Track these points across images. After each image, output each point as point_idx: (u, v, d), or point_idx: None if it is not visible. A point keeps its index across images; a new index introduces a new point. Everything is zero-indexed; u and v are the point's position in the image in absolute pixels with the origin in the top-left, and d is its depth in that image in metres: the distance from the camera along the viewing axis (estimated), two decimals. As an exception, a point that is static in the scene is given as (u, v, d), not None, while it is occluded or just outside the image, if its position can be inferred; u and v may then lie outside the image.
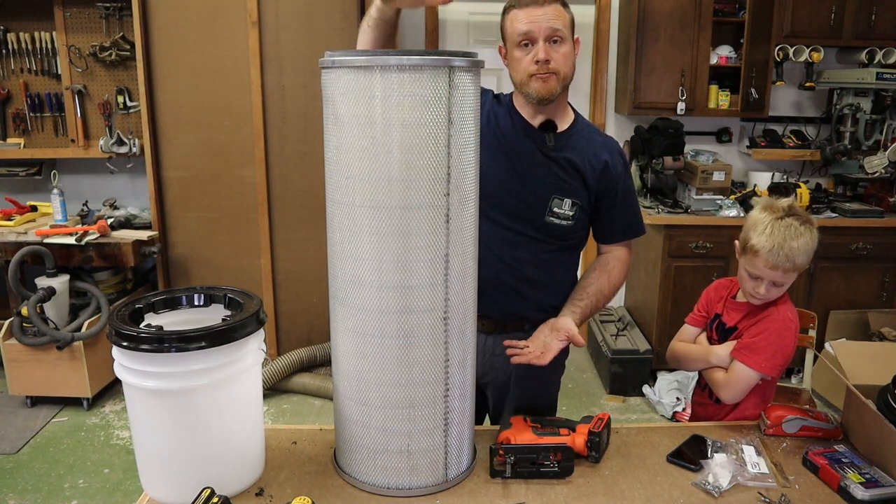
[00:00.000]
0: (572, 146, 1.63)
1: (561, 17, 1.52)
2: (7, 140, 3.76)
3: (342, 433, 1.36)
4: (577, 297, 1.65)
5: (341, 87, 1.17)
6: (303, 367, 3.61)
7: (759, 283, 1.62)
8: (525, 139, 1.62)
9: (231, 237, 3.62)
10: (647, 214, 3.61)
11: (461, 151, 1.21)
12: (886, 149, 3.53)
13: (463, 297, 1.29)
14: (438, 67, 1.15)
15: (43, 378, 3.29)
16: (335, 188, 1.24)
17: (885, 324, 3.54)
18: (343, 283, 1.27)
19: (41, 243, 3.26)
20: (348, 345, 1.29)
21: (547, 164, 1.61)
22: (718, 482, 1.35)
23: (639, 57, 3.70)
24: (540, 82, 1.54)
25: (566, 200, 1.61)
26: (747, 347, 1.63)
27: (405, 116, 1.15)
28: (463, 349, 1.31)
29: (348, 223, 1.23)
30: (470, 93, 1.21)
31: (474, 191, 1.28)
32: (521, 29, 1.51)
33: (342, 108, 1.18)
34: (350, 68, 1.15)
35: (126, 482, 2.78)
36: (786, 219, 1.59)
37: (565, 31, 1.53)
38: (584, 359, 4.12)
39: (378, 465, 1.31)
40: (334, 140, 1.22)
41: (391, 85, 1.14)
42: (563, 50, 1.54)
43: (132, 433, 1.33)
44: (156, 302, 1.36)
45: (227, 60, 3.39)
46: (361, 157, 1.18)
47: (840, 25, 3.61)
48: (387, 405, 1.27)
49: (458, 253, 1.25)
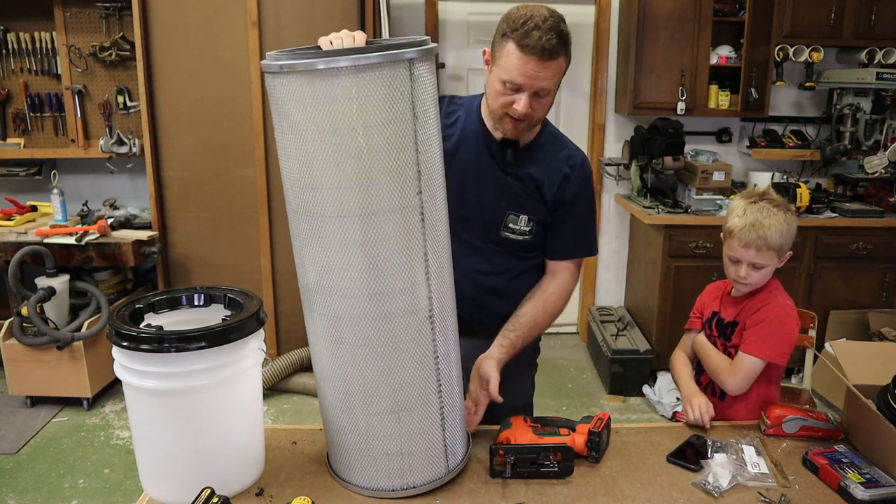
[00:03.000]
0: (533, 161, 1.58)
1: (557, 75, 1.42)
2: (7, 140, 3.76)
3: (337, 443, 1.34)
4: (508, 329, 1.59)
5: (294, 94, 1.09)
6: (303, 367, 3.61)
7: (739, 266, 1.65)
8: (485, 153, 1.58)
9: (231, 237, 3.62)
10: (647, 214, 3.61)
11: (428, 146, 1.17)
12: (886, 149, 3.53)
13: (444, 292, 1.26)
14: (397, 62, 1.08)
15: (43, 378, 3.29)
16: (297, 199, 1.17)
17: (885, 324, 3.54)
18: (316, 294, 1.22)
19: (41, 243, 3.26)
20: (329, 355, 1.26)
21: (504, 179, 1.57)
22: (718, 482, 1.35)
23: (639, 57, 3.70)
24: (511, 125, 1.48)
25: (522, 217, 1.58)
26: (750, 338, 1.64)
27: (367, 118, 1.08)
28: (449, 343, 1.30)
29: (315, 235, 1.16)
30: (428, 83, 1.15)
31: (441, 184, 1.24)
32: (513, 78, 1.40)
33: (297, 115, 1.10)
34: (301, 73, 1.07)
35: (126, 482, 2.78)
36: (759, 202, 1.65)
37: (554, 86, 1.44)
38: (584, 359, 4.12)
39: (375, 469, 1.30)
40: (292, 150, 1.14)
41: (350, 87, 1.06)
42: (546, 101, 1.46)
43: (132, 433, 1.33)
44: (156, 302, 1.36)
45: (227, 60, 3.39)
46: (325, 166, 1.11)
47: (840, 25, 3.61)
48: (377, 412, 1.25)
49: (435, 250, 1.22)
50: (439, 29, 3.99)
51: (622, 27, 3.92)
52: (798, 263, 3.57)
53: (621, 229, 4.24)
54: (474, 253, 1.61)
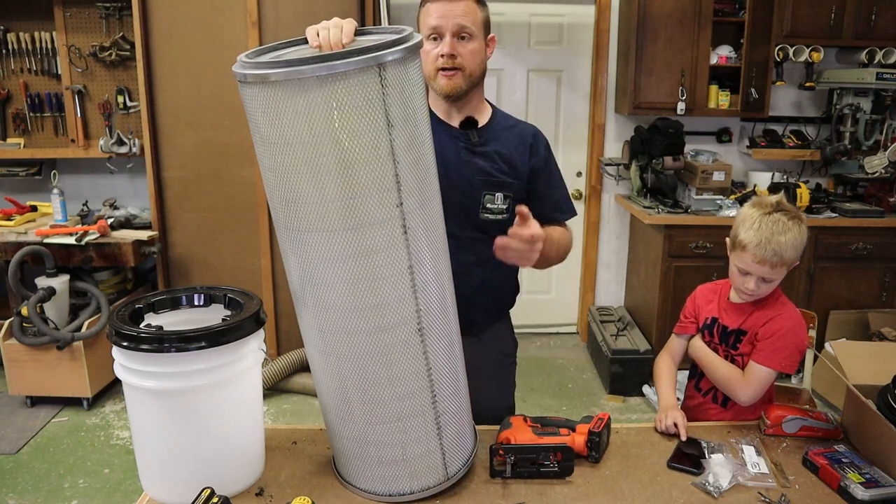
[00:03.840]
0: (496, 138, 1.64)
1: (471, 14, 1.52)
2: (7, 140, 3.76)
3: (337, 448, 1.34)
4: None
5: (261, 105, 1.04)
6: (303, 367, 3.61)
7: (749, 278, 1.63)
8: (446, 140, 1.60)
9: (231, 237, 3.62)
10: (647, 214, 3.61)
11: (408, 152, 1.10)
12: (886, 149, 3.53)
13: (431, 304, 1.21)
14: (366, 69, 1.00)
15: (43, 378, 3.29)
16: (278, 212, 1.14)
17: (885, 324, 3.54)
18: (307, 307, 1.21)
19: (41, 243, 3.26)
20: (325, 366, 1.26)
21: (473, 160, 1.61)
22: (718, 482, 1.35)
23: (639, 57, 3.70)
24: (445, 79, 1.54)
25: (497, 195, 1.61)
26: (766, 350, 1.62)
27: (337, 131, 1.02)
28: (446, 352, 1.27)
29: (297, 248, 1.14)
30: (411, 83, 1.08)
31: (430, 189, 1.19)
32: (431, 23, 1.52)
33: (265, 127, 1.06)
34: (266, 84, 1.01)
35: (126, 482, 2.78)
36: (774, 214, 1.60)
37: (474, 29, 1.53)
38: (584, 359, 4.12)
39: (376, 476, 1.30)
40: (266, 162, 1.09)
41: (314, 98, 1.00)
42: (471, 47, 1.54)
43: (132, 433, 1.33)
44: (156, 302, 1.36)
45: (227, 60, 3.35)
46: (298, 179, 1.06)
47: (840, 25, 3.61)
48: (375, 421, 1.25)
49: (420, 262, 1.16)
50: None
51: (622, 27, 3.91)
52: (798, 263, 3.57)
53: (621, 229, 4.24)
54: (457, 246, 1.58)
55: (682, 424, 1.55)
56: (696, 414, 1.76)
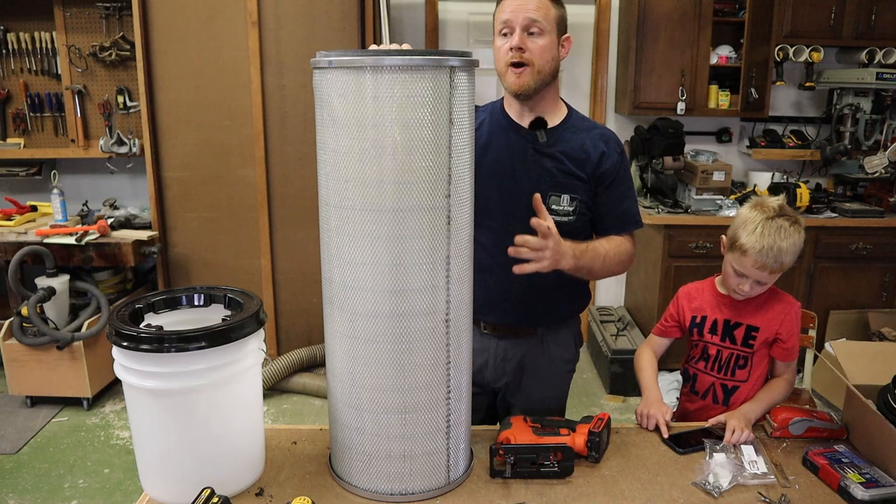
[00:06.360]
0: (566, 140, 1.61)
1: (543, 10, 1.51)
2: (7, 140, 3.76)
3: (341, 441, 1.34)
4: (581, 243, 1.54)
5: (338, 89, 1.15)
6: (303, 367, 3.61)
7: (744, 280, 1.64)
8: (516, 139, 1.60)
9: (231, 237, 3.62)
10: (647, 214, 3.61)
11: (460, 152, 1.21)
12: (886, 149, 3.53)
13: (461, 299, 1.28)
14: (439, 67, 1.13)
15: (43, 378, 3.29)
16: (330, 191, 1.22)
17: (885, 324, 3.54)
18: (339, 287, 1.25)
19: (41, 243, 3.26)
20: (344, 350, 1.28)
21: (540, 160, 1.59)
22: (718, 482, 1.35)
23: (639, 57, 3.70)
24: (514, 76, 1.53)
25: (564, 196, 1.59)
26: (791, 348, 1.70)
27: (406, 117, 1.13)
28: (462, 351, 1.31)
29: (344, 227, 1.20)
30: (467, 93, 1.20)
31: (470, 192, 1.27)
32: (503, 17, 1.52)
33: (339, 109, 1.16)
34: (348, 69, 1.13)
35: (126, 482, 2.78)
36: (776, 219, 1.59)
37: (545, 24, 1.51)
38: (584, 359, 4.12)
39: (377, 471, 1.30)
40: (330, 143, 1.19)
41: (393, 86, 1.12)
42: (541, 42, 1.52)
43: (132, 433, 1.33)
44: (156, 302, 1.36)
45: (227, 60, 3.39)
46: (360, 160, 1.16)
47: (840, 25, 3.61)
48: (384, 410, 1.26)
49: (458, 254, 1.24)
50: (439, 29, 3.99)
51: (622, 27, 3.92)
52: (798, 263, 3.55)
53: (621, 229, 4.23)
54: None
55: (662, 422, 1.55)
56: (699, 416, 1.76)
